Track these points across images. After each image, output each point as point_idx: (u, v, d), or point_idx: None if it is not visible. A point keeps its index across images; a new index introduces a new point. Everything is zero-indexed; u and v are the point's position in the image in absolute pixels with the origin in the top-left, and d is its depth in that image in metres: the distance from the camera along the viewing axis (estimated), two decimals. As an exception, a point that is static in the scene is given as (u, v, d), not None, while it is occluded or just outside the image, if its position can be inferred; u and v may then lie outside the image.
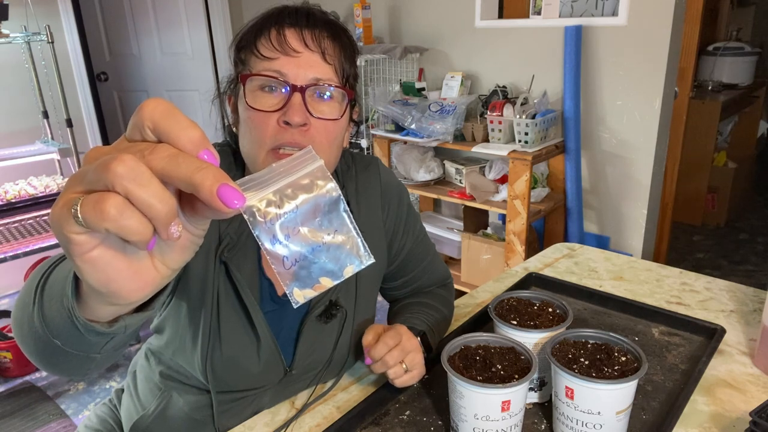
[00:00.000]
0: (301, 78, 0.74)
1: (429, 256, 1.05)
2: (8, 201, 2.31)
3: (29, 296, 0.53)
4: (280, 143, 0.75)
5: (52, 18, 2.98)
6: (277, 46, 0.75)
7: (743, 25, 4.23)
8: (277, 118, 0.74)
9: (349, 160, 0.94)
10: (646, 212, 2.40)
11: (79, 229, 0.33)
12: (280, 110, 0.74)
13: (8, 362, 2.34)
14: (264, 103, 0.75)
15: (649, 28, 2.19)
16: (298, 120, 0.73)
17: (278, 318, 0.87)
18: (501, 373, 0.71)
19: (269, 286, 0.86)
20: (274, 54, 0.75)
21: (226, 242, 0.81)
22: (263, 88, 0.75)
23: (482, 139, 2.41)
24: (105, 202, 0.32)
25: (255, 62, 0.76)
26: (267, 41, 0.76)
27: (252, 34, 0.78)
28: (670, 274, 1.22)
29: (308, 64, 0.75)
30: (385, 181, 0.95)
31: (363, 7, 2.76)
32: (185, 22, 3.72)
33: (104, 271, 0.35)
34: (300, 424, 0.82)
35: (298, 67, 0.74)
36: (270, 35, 0.76)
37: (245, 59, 0.78)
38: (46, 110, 2.65)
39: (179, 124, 0.35)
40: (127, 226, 0.32)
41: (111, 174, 0.32)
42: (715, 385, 0.86)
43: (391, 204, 0.96)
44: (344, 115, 0.79)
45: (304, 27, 0.76)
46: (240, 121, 0.80)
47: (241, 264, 0.82)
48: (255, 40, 0.77)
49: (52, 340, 0.50)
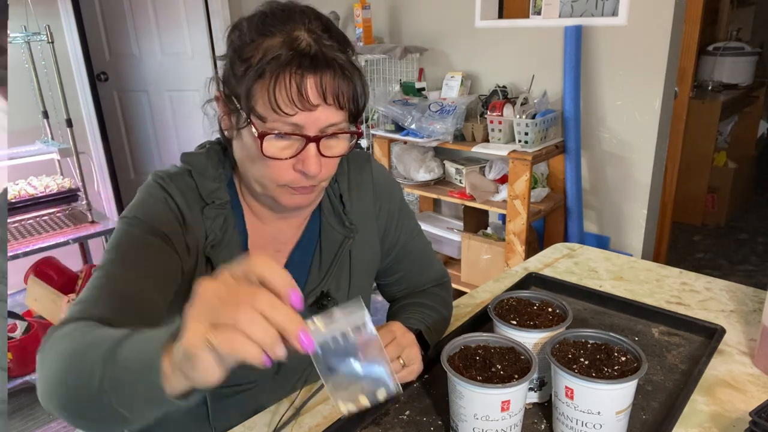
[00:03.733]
0: (316, 128, 0.75)
1: (424, 253, 1.05)
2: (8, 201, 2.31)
3: (93, 366, 0.58)
4: (295, 185, 0.79)
5: (52, 18, 2.98)
6: (297, 103, 0.72)
7: (743, 25, 4.23)
8: (293, 164, 0.77)
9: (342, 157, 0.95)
10: (646, 212, 2.40)
11: (212, 357, 0.48)
12: (295, 157, 0.76)
13: (8, 362, 2.34)
14: (279, 150, 0.76)
15: (649, 28, 2.19)
16: (315, 171, 0.76)
17: None
18: (501, 373, 0.71)
19: None
20: (293, 110, 0.73)
21: (210, 239, 0.82)
22: (278, 135, 0.75)
23: (482, 139, 2.41)
24: (245, 345, 0.48)
25: (270, 113, 0.73)
26: (286, 95, 0.72)
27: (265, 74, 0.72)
28: (670, 274, 1.22)
29: (323, 114, 0.74)
30: (377, 177, 0.96)
31: (363, 7, 2.76)
32: (185, 22, 3.72)
33: (211, 374, 0.50)
34: (300, 424, 0.82)
35: (314, 120, 0.74)
36: (290, 88, 0.72)
37: (255, 102, 0.73)
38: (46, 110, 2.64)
39: (275, 274, 0.51)
40: (257, 359, 0.49)
41: (250, 308, 0.48)
42: (715, 385, 0.86)
43: (383, 199, 0.97)
44: (351, 144, 0.81)
45: (323, 72, 0.73)
46: (246, 147, 0.79)
47: (226, 260, 0.83)
48: (271, 86, 0.72)
49: (115, 408, 0.57)
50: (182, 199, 0.82)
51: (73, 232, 2.30)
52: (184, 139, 4.02)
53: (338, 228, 0.92)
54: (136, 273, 0.76)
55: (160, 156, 4.10)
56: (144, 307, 0.75)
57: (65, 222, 2.39)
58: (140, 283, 0.76)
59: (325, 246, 0.91)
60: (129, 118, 4.05)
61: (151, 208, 0.81)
